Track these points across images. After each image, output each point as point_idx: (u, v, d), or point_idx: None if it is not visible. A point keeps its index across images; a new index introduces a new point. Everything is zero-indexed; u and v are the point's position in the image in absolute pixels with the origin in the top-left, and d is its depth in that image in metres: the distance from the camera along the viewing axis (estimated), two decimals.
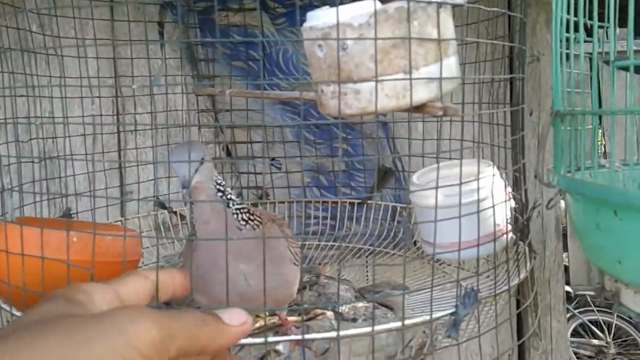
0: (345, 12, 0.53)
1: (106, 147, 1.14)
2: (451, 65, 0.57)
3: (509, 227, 0.87)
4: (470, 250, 0.81)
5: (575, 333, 3.22)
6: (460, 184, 0.73)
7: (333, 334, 0.61)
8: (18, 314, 0.66)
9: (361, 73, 0.54)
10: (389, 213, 1.21)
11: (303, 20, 0.98)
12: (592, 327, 3.21)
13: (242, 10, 1.19)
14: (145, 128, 1.15)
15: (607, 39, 0.62)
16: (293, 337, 0.68)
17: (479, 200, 0.77)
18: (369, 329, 0.59)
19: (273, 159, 1.26)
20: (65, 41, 1.05)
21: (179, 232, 1.18)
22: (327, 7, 0.56)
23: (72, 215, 0.97)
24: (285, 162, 1.24)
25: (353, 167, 1.25)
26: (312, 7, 1.27)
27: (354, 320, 0.81)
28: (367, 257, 1.19)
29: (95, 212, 1.01)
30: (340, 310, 0.82)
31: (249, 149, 1.24)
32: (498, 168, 0.92)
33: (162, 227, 1.15)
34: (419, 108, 0.56)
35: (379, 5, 0.53)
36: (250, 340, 0.59)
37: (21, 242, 0.61)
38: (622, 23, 0.64)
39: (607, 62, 0.54)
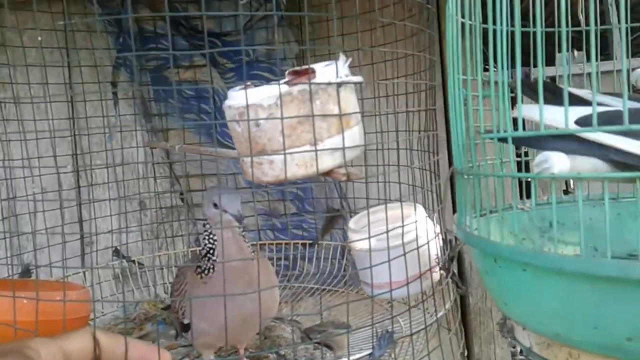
0: (256, 94, 0.61)
1: (66, 202, 1.19)
2: (354, 135, 0.64)
3: (438, 265, 0.95)
4: (403, 288, 0.88)
5: None
6: (401, 228, 0.81)
7: None
8: None
9: (273, 146, 0.62)
10: (339, 252, 1.27)
11: (251, 75, 1.09)
12: None
13: (193, 66, 1.27)
14: (103, 182, 1.21)
15: None
16: None
17: (403, 245, 0.84)
18: None
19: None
20: (24, 102, 1.11)
21: (138, 280, 1.23)
22: (241, 87, 0.63)
23: (31, 271, 1.02)
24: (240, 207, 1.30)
25: (304, 209, 1.32)
26: (259, 62, 1.34)
27: None
28: (320, 295, 1.25)
29: (59, 263, 1.07)
30: (282, 353, 0.88)
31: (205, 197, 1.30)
32: (426, 210, 1.00)
33: (120, 277, 1.20)
34: (327, 173, 0.64)
35: (284, 88, 0.61)
36: None
37: None
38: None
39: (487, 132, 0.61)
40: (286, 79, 0.70)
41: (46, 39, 1.14)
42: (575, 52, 1.64)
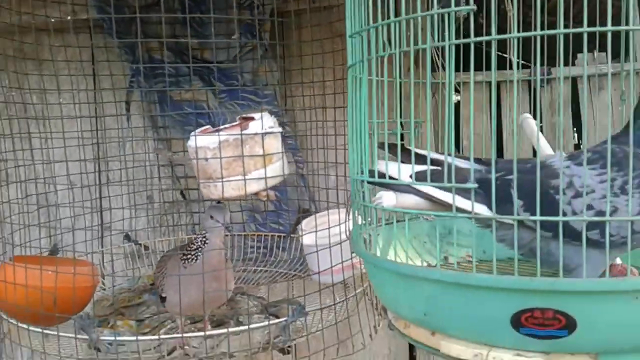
0: (205, 140, 0.89)
1: (88, 196, 1.50)
2: (275, 168, 0.92)
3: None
4: (336, 275, 1.16)
5: None
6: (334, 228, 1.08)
7: (224, 330, 0.96)
8: (12, 321, 1.02)
9: (216, 175, 0.90)
10: None
11: (240, 97, 1.41)
12: None
13: (192, 89, 1.55)
14: (119, 181, 1.52)
15: None
16: (201, 333, 1.04)
17: (330, 244, 1.11)
18: (243, 328, 0.95)
19: (218, 202, 1.61)
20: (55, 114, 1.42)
21: (144, 260, 1.53)
22: (197, 133, 0.92)
23: (58, 250, 1.33)
24: (228, 204, 1.59)
25: (280, 208, 1.60)
26: (245, 86, 1.62)
27: None
28: (292, 279, 1.53)
29: (78, 246, 1.38)
30: (240, 320, 1.17)
31: (199, 194, 1.60)
32: None
33: (129, 256, 1.51)
34: (255, 194, 0.92)
35: (223, 137, 0.89)
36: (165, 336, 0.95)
37: (14, 275, 0.97)
38: None
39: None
40: (236, 122, 0.98)
41: (75, 66, 1.44)
42: (595, 53, 1.80)
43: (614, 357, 0.68)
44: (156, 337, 0.93)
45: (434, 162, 0.84)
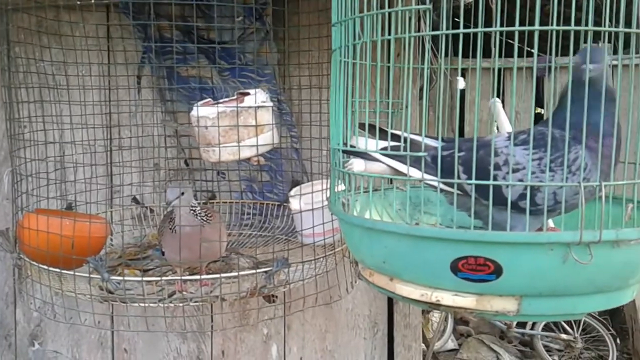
0: (206, 111, 1.03)
1: (100, 160, 1.65)
2: (266, 137, 1.07)
3: None
4: (318, 237, 1.31)
5: (547, 328, 3.43)
6: (318, 195, 1.22)
7: (217, 275, 1.11)
8: (34, 263, 1.17)
9: (215, 141, 1.04)
10: None
11: (242, 74, 1.58)
12: (563, 323, 3.40)
13: (198, 66, 1.69)
14: (129, 147, 1.66)
15: None
16: (197, 277, 1.18)
17: (313, 209, 1.26)
18: (233, 274, 1.10)
19: (219, 171, 1.75)
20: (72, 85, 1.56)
21: (149, 221, 1.68)
22: (199, 104, 1.06)
23: (73, 207, 1.48)
24: (228, 173, 1.74)
25: (276, 178, 1.75)
26: (248, 65, 1.75)
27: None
28: (284, 243, 1.68)
29: (90, 206, 1.53)
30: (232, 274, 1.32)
31: (202, 163, 1.74)
32: None
33: (136, 218, 1.66)
34: (247, 159, 1.06)
35: (221, 108, 1.03)
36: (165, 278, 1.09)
37: (37, 223, 1.12)
38: None
39: None
40: (234, 97, 1.12)
41: (90, 42, 1.58)
42: (599, 44, 1.91)
43: (534, 300, 0.82)
44: (158, 278, 1.08)
45: (404, 139, 0.98)
